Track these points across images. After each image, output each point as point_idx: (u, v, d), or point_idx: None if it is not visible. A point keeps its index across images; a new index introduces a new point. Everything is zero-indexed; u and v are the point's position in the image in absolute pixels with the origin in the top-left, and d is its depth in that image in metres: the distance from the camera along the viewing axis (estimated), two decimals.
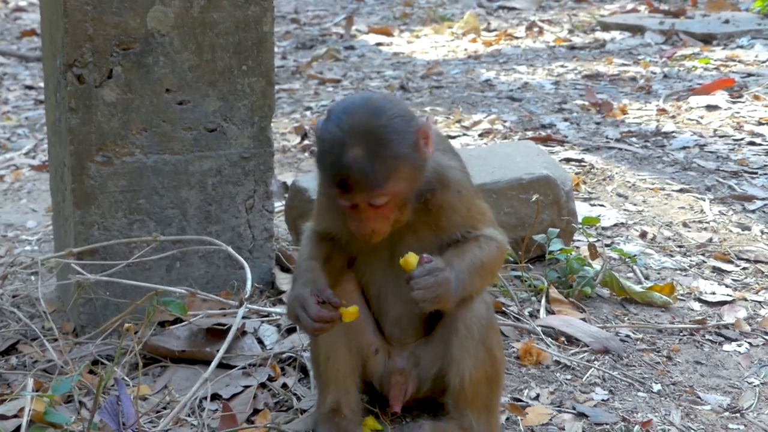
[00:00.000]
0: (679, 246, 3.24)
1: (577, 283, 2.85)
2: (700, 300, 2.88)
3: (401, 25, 7.92)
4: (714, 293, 2.90)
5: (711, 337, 2.66)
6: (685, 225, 3.40)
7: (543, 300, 2.81)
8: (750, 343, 2.63)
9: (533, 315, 2.76)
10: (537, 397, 2.36)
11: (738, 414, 2.30)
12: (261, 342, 2.61)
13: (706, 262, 3.12)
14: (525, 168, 3.06)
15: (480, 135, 4.61)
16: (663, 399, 2.36)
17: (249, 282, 2.54)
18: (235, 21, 2.71)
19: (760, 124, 4.45)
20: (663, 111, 4.78)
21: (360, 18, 8.32)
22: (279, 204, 3.47)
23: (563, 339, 2.62)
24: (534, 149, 3.30)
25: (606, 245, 3.20)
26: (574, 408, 2.30)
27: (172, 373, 2.49)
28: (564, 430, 2.21)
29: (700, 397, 2.37)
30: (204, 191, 2.77)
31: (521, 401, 2.33)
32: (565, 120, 4.79)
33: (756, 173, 3.84)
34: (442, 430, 2.07)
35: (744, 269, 3.07)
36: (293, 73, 6.45)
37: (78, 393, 2.34)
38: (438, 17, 7.95)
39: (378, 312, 2.17)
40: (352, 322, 2.00)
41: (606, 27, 7.04)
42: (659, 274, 3.04)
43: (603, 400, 2.35)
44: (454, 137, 4.55)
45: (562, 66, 6.02)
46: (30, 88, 6.61)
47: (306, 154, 4.55)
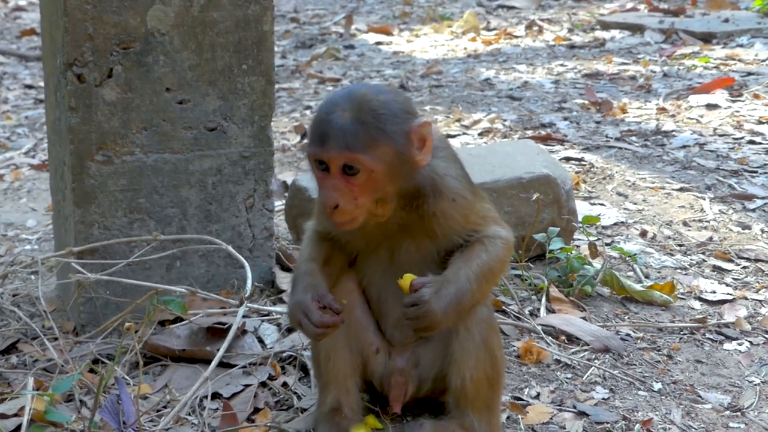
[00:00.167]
0: (680, 245, 3.24)
1: (578, 282, 2.85)
2: (700, 299, 2.88)
3: (401, 24, 7.91)
4: (714, 292, 2.90)
5: (711, 336, 2.66)
6: (686, 224, 3.40)
7: (543, 299, 2.81)
8: (750, 342, 2.63)
9: (533, 314, 2.76)
10: (537, 396, 2.35)
11: (738, 413, 2.30)
12: (261, 341, 2.61)
13: (706, 260, 3.12)
14: (525, 167, 3.06)
15: (480, 134, 4.61)
16: (663, 398, 2.36)
17: (249, 281, 2.54)
18: (235, 20, 2.71)
19: (759, 122, 4.44)
20: (663, 110, 4.77)
21: (359, 17, 8.31)
22: (279, 203, 3.47)
23: (563, 338, 2.62)
24: (534, 148, 3.30)
25: (606, 244, 3.20)
26: (574, 407, 2.30)
27: (172, 372, 2.49)
28: (564, 428, 2.21)
29: (700, 396, 2.37)
30: (204, 190, 2.77)
31: (522, 400, 2.33)
32: (565, 119, 4.78)
33: (756, 172, 3.84)
34: (442, 429, 2.07)
35: (744, 268, 3.07)
36: (293, 72, 6.45)
37: (78, 392, 2.34)
38: (437, 16, 7.95)
39: (378, 314, 2.17)
40: (352, 321, 1.99)
41: (606, 26, 7.03)
42: (659, 272, 3.04)
43: (603, 398, 2.35)
44: (453, 136, 4.55)
45: (561, 65, 6.02)
46: (30, 87, 6.60)
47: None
